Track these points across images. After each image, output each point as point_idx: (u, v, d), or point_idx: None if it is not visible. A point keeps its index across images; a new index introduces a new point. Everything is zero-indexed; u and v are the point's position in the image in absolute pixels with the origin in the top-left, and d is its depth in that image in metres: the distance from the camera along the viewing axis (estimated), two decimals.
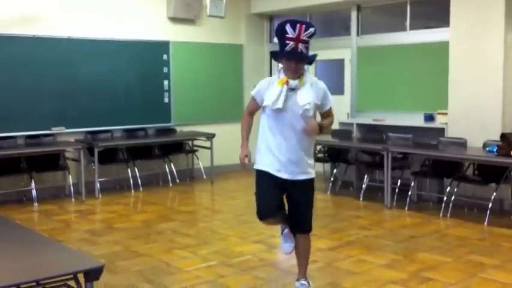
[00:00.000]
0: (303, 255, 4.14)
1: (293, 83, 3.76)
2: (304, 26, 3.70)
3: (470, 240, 5.59)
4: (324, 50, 8.52)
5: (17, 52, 7.51)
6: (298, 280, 4.16)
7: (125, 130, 8.54)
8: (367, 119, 8.41)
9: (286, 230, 4.13)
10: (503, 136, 6.16)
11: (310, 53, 3.82)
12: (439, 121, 7.44)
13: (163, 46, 8.83)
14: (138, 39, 8.53)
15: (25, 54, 7.56)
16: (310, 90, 3.80)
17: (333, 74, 9.35)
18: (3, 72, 7.42)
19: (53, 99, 7.79)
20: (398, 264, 4.89)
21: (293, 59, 3.74)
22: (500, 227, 6.06)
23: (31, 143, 7.61)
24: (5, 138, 7.40)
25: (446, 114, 7.31)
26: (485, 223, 6.14)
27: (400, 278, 4.52)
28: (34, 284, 2.44)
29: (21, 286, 2.42)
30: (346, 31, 8.96)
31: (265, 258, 5.09)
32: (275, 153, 3.85)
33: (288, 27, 3.70)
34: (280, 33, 3.74)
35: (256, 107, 3.99)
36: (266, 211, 3.91)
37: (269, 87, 3.85)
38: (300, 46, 3.70)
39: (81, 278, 2.50)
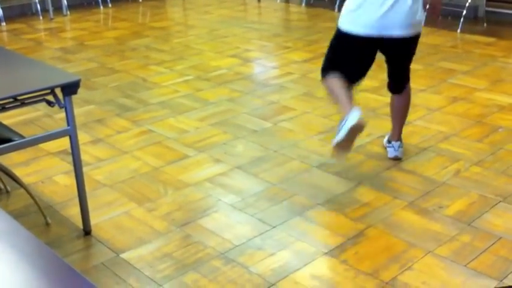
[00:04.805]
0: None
1: None
2: None
3: (442, 48, 5.66)
4: None
5: None
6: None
7: None
8: None
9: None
10: None
11: None
12: None
13: None
14: None
15: None
16: None
17: None
18: None
19: None
20: (370, 72, 4.97)
21: None
22: (473, 34, 6.11)
23: None
24: None
25: None
26: (459, 30, 6.18)
27: (371, 86, 4.64)
28: (12, 99, 2.46)
29: None
30: None
31: (241, 72, 5.14)
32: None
33: None
34: None
35: None
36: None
37: None
38: None
39: (58, 93, 2.52)
